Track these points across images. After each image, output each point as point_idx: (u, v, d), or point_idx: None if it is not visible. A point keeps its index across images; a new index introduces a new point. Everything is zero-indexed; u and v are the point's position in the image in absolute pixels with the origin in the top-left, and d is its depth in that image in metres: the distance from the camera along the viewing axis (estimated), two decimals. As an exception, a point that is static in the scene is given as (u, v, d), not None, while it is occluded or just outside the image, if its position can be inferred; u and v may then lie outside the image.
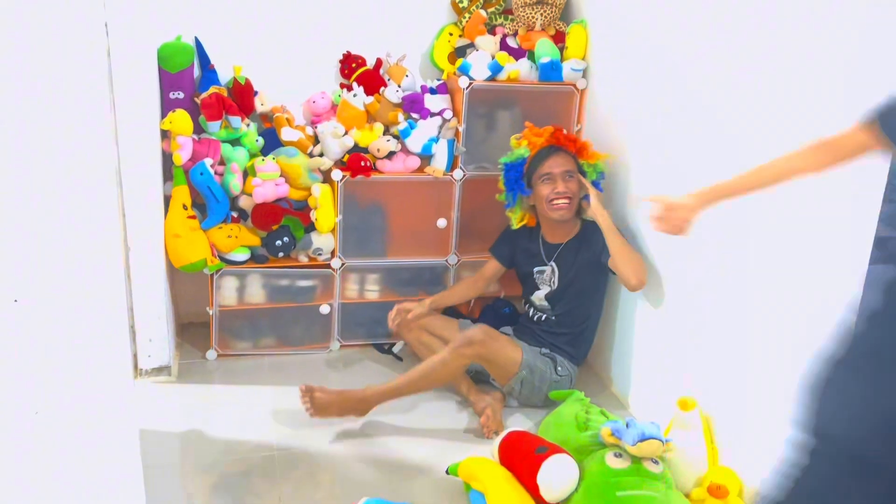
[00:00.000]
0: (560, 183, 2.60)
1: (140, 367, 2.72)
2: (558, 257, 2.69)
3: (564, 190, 2.59)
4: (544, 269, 2.72)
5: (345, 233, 2.92)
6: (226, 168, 2.75)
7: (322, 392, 2.40)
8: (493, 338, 2.50)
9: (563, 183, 2.60)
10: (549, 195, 2.60)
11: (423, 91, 2.95)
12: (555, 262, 2.69)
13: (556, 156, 2.62)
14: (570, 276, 2.66)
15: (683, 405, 2.18)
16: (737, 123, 2.06)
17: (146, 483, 1.73)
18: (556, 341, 2.68)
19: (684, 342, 2.34)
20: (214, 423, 2.50)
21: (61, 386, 1.43)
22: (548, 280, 2.71)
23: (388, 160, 2.88)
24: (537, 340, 2.70)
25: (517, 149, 2.71)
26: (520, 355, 2.55)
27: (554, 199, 2.60)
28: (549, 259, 2.71)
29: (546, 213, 2.65)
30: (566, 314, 2.68)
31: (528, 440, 2.12)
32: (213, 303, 2.85)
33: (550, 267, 2.70)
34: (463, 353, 2.44)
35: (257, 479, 2.23)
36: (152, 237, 2.61)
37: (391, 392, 2.46)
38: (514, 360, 2.54)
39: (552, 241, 2.72)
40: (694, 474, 2.12)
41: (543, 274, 2.72)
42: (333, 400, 2.40)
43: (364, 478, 2.24)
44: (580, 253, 2.66)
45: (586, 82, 2.94)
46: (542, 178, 2.62)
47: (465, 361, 2.48)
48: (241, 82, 2.82)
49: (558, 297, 2.69)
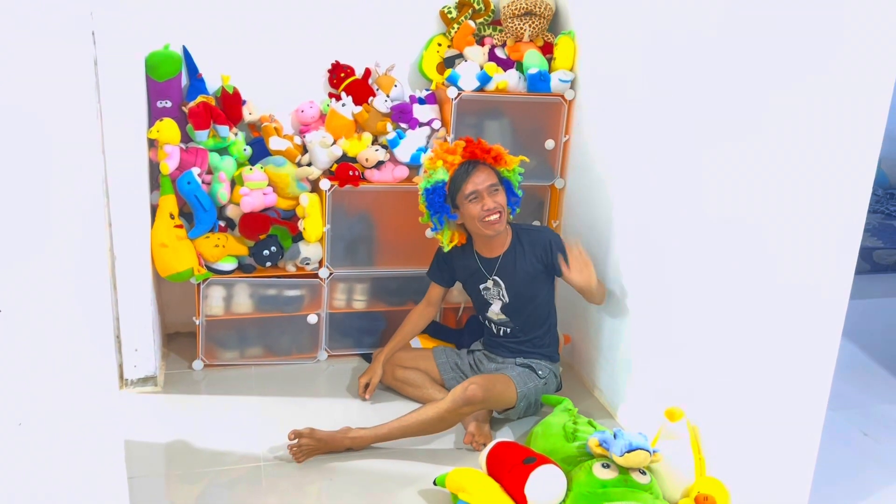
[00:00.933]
0: (487, 199, 2.49)
1: (126, 377, 2.70)
2: (499, 270, 2.64)
3: (494, 206, 2.50)
4: (488, 286, 2.67)
5: (333, 242, 2.91)
6: (213, 177, 2.74)
7: (310, 438, 2.35)
8: (489, 389, 2.44)
9: (491, 198, 2.50)
10: (479, 214, 2.50)
11: (412, 101, 2.95)
12: (497, 275, 2.64)
13: (476, 172, 2.51)
14: (517, 286, 2.62)
15: (671, 415, 2.18)
16: (724, 134, 2.08)
17: (131, 493, 1.72)
18: (525, 348, 2.68)
19: (672, 352, 2.35)
20: (200, 434, 2.49)
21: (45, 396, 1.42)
22: (496, 294, 2.66)
23: (377, 170, 2.88)
24: (510, 352, 2.70)
25: (433, 170, 2.56)
26: (514, 391, 2.53)
27: (486, 217, 2.51)
28: (490, 273, 2.65)
29: (479, 231, 2.56)
30: (526, 321, 2.66)
31: (516, 451, 2.12)
32: (200, 312, 2.84)
33: (493, 280, 2.64)
34: (462, 412, 2.41)
35: (243, 490, 2.21)
36: (139, 246, 2.59)
37: (382, 438, 2.41)
38: (511, 398, 2.53)
39: (488, 255, 2.65)
40: (681, 485, 2.13)
41: (489, 290, 2.67)
42: (321, 446, 2.36)
43: (351, 489, 2.23)
44: (519, 262, 2.61)
45: (574, 93, 2.96)
46: (467, 198, 2.50)
47: (462, 418, 2.46)
48: (230, 91, 2.81)
49: (514, 308, 2.65)
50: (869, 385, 3.05)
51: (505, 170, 2.59)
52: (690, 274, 2.24)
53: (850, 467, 2.45)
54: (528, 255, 2.61)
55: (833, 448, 2.15)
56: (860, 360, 3.24)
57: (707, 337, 2.16)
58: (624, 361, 2.64)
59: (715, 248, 2.12)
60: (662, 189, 2.38)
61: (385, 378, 2.78)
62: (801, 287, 1.93)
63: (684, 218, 2.26)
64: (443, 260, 2.78)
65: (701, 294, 2.19)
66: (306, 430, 2.36)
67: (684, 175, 2.26)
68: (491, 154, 2.56)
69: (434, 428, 2.42)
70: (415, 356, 2.79)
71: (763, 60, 1.93)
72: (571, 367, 3.03)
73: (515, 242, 2.64)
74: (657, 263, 2.42)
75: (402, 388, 2.76)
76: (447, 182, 2.55)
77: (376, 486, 2.25)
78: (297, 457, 2.34)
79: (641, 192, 2.51)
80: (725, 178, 2.07)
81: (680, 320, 2.30)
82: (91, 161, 1.42)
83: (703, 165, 2.17)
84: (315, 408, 2.69)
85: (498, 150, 2.58)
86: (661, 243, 2.39)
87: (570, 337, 3.00)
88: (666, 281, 2.37)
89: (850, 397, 2.82)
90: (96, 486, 1.51)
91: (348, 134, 2.88)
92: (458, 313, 3.14)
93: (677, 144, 2.29)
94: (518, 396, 2.54)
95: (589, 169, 2.88)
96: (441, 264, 2.79)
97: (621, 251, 2.63)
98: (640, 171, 2.51)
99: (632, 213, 2.56)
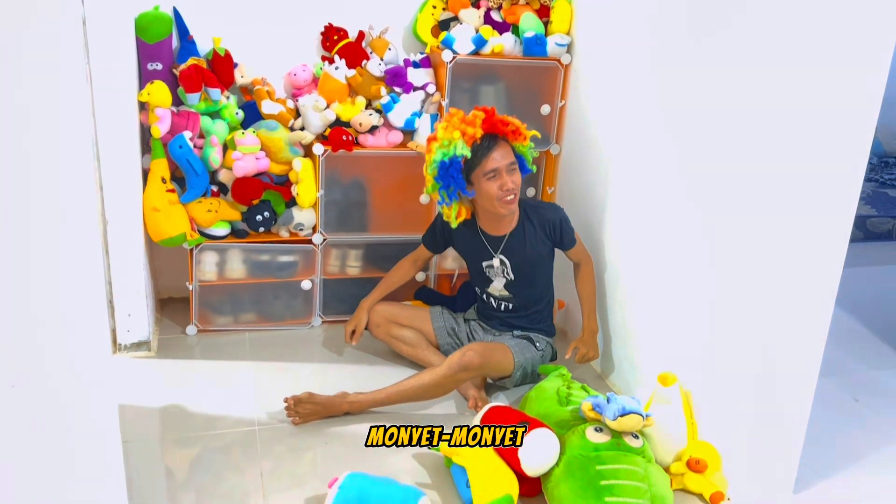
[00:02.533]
0: (507, 178, 2.41)
1: (119, 341, 2.69)
2: (506, 249, 2.58)
3: (513, 186, 2.42)
4: (492, 263, 2.61)
5: (326, 208, 2.89)
6: (205, 141, 2.71)
7: (309, 402, 2.36)
8: (486, 357, 2.44)
9: (510, 177, 2.42)
10: (497, 193, 2.42)
11: (406, 65, 2.91)
12: (503, 254, 2.58)
13: (497, 148, 2.41)
14: (524, 265, 2.59)
15: (664, 380, 2.19)
16: (724, 100, 2.05)
17: (126, 457, 1.72)
18: (522, 322, 2.67)
19: (665, 318, 2.35)
20: (195, 398, 2.49)
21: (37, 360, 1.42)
22: (500, 272, 2.61)
23: (371, 135, 2.85)
24: (507, 326, 2.70)
25: (450, 141, 2.38)
26: (511, 359, 2.53)
27: (504, 197, 2.43)
28: (496, 252, 2.60)
29: (493, 209, 2.47)
30: (528, 297, 2.65)
31: (510, 415, 2.13)
32: (193, 278, 2.83)
33: (499, 259, 2.60)
34: (459, 378, 2.40)
35: (238, 455, 2.22)
36: (130, 211, 2.57)
37: (379, 403, 2.42)
38: (508, 366, 2.53)
39: (495, 233, 2.57)
40: (673, 449, 2.15)
41: (493, 268, 2.62)
42: (319, 410, 2.36)
43: (346, 453, 2.24)
44: (529, 241, 2.57)
45: (570, 57, 2.92)
46: (486, 175, 2.41)
47: (459, 384, 2.45)
48: (221, 54, 2.77)
49: (518, 286, 2.63)
50: (860, 352, 3.07)
51: (519, 145, 2.49)
52: (684, 240, 2.23)
53: (840, 433, 2.48)
54: (539, 233, 2.57)
55: (824, 413, 2.17)
56: (852, 327, 3.26)
57: (701, 302, 2.17)
58: (617, 327, 2.65)
59: (710, 214, 2.11)
60: (658, 155, 2.36)
61: (380, 333, 2.76)
62: (796, 255, 1.93)
63: (679, 184, 2.25)
64: (441, 230, 2.72)
65: (695, 259, 2.19)
66: (305, 395, 2.37)
67: (680, 141, 2.24)
68: (510, 128, 2.44)
69: (431, 393, 2.43)
70: (412, 315, 2.78)
71: (762, 23, 1.90)
72: (565, 332, 3.04)
73: (524, 220, 2.57)
74: (651, 230, 2.42)
75: (396, 346, 2.75)
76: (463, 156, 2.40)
77: (371, 450, 2.26)
78: (295, 420, 2.35)
79: (637, 158, 2.49)
80: (721, 146, 2.05)
81: (674, 286, 2.30)
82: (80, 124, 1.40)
83: (698, 132, 2.15)
84: (309, 373, 2.70)
85: (516, 124, 2.46)
86: (655, 210, 2.39)
87: (564, 302, 3.00)
88: (660, 247, 2.37)
89: (841, 364, 2.84)
90: (90, 449, 1.51)
91: (342, 98, 2.84)
92: (452, 280, 3.14)
93: (674, 110, 2.27)
94: (515, 366, 2.54)
95: (585, 135, 2.86)
96: (438, 234, 2.74)
97: (616, 217, 2.62)
98: (637, 137, 2.49)
99: (627, 180, 2.55)
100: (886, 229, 4.40)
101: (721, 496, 2.08)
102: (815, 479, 2.21)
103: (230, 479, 2.11)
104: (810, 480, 2.19)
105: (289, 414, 2.35)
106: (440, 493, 2.08)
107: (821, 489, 2.18)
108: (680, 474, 2.12)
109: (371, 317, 2.76)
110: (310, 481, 2.11)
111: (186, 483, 2.11)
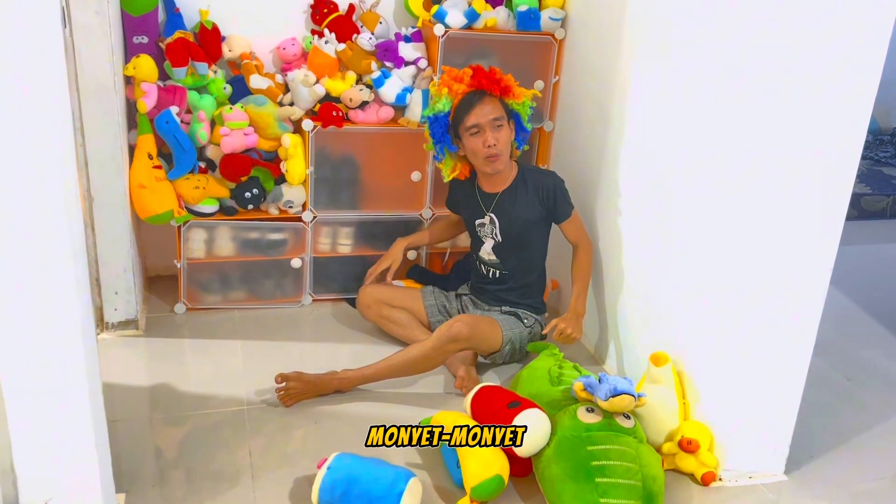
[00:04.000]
0: (489, 134, 2.41)
1: (106, 320, 2.66)
2: (496, 207, 2.57)
3: (494, 142, 2.42)
4: (484, 221, 2.61)
5: (316, 185, 2.85)
6: (192, 116, 2.67)
7: (298, 380, 2.33)
8: (474, 328, 2.42)
9: (493, 133, 2.41)
10: (480, 150, 2.44)
11: (398, 39, 2.86)
12: (493, 212, 2.58)
13: (481, 104, 2.41)
14: (511, 227, 2.57)
15: (656, 360, 2.18)
16: (721, 77, 2.02)
17: (113, 436, 1.70)
18: (511, 297, 2.65)
19: (658, 297, 2.33)
20: (183, 377, 2.47)
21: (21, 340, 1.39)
22: (489, 233, 2.61)
23: (361, 110, 2.81)
24: (496, 300, 2.67)
25: (438, 98, 2.48)
26: (500, 333, 2.52)
27: (487, 154, 2.44)
28: (487, 209, 2.60)
29: (480, 167, 2.51)
30: (517, 266, 2.62)
31: (501, 395, 2.11)
32: (181, 255, 2.79)
33: (489, 217, 2.59)
34: (447, 350, 2.38)
35: (227, 433, 2.20)
36: (116, 188, 2.53)
37: (369, 379, 2.40)
38: (497, 340, 2.52)
39: (489, 190, 2.59)
40: (665, 429, 2.14)
41: (484, 227, 2.62)
42: (309, 389, 2.34)
43: (335, 433, 2.23)
44: (519, 202, 2.55)
45: (565, 32, 2.88)
46: (468, 131, 2.43)
47: (448, 356, 2.43)
48: (208, 27, 2.71)
49: (505, 250, 2.61)
50: (853, 331, 3.07)
51: (514, 102, 2.49)
52: (678, 219, 2.21)
53: (832, 412, 2.48)
54: (531, 197, 2.55)
55: (816, 392, 2.17)
56: (845, 306, 3.25)
57: (694, 282, 2.14)
58: (610, 307, 2.63)
59: (705, 192, 2.08)
60: (653, 132, 2.33)
61: (370, 315, 2.74)
62: (791, 234, 1.91)
63: (675, 162, 2.22)
64: (453, 189, 2.74)
65: (689, 239, 2.16)
66: (294, 374, 2.34)
67: (676, 118, 2.20)
68: (500, 85, 2.45)
69: (420, 366, 2.41)
70: (403, 295, 2.76)
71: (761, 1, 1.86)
72: (558, 312, 3.02)
73: (519, 181, 2.57)
74: (645, 208, 2.39)
75: (387, 326, 2.73)
76: (450, 112, 2.47)
77: (362, 429, 2.24)
78: (285, 400, 2.32)
79: (632, 135, 2.46)
80: (718, 124, 2.02)
81: (667, 265, 2.27)
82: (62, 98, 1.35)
83: (694, 109, 2.12)
84: (300, 352, 2.68)
85: (507, 80, 2.47)
86: (649, 188, 2.36)
87: (557, 282, 2.98)
88: (653, 226, 2.34)
89: (833, 342, 2.83)
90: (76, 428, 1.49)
91: (331, 72, 2.79)
92: (444, 258, 3.11)
93: (670, 86, 2.23)
94: (503, 340, 2.52)
95: (579, 111, 2.82)
96: (453, 192, 2.77)
97: (610, 195, 2.59)
98: (631, 114, 2.45)
99: (622, 157, 2.51)
100: (881, 207, 4.39)
101: (712, 476, 2.07)
102: (807, 458, 2.21)
103: (220, 458, 2.10)
104: (801, 460, 2.19)
105: (280, 397, 2.33)
106: (430, 474, 2.07)
107: (812, 469, 2.19)
108: (672, 454, 2.11)
109: (361, 298, 2.75)
110: (299, 461, 2.10)
111: (175, 462, 2.09)
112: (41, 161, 1.30)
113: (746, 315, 1.99)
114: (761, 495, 2.08)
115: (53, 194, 1.33)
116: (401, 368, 2.40)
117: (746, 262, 1.96)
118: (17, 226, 1.32)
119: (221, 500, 1.94)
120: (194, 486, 1.99)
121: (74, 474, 1.53)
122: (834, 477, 2.17)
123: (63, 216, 1.35)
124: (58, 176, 1.33)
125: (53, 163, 1.32)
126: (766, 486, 2.11)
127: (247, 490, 1.98)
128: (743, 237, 1.95)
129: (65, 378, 1.45)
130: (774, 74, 1.82)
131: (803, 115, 1.82)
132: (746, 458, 2.11)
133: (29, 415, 1.46)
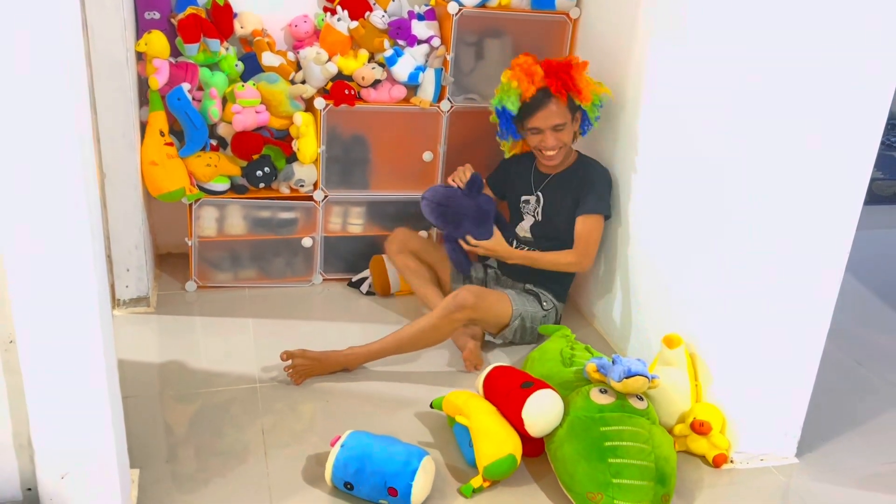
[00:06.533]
0: (549, 137, 2.52)
1: (118, 297, 2.66)
2: (546, 187, 2.65)
3: (553, 143, 2.53)
4: (530, 199, 2.68)
5: (328, 164, 2.84)
6: (204, 93, 2.65)
7: (304, 358, 2.33)
8: (482, 298, 2.43)
9: (553, 135, 2.52)
10: (537, 146, 2.56)
11: (411, 17, 2.83)
12: (541, 191, 2.65)
13: (545, 109, 2.49)
14: (554, 209, 2.62)
15: (669, 342, 2.17)
16: (740, 59, 1.99)
17: (126, 413, 1.70)
18: (538, 277, 2.65)
19: (671, 280, 2.32)
20: (194, 355, 2.47)
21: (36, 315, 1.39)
22: (532, 211, 2.67)
23: (373, 89, 2.79)
24: (521, 276, 2.67)
25: (507, 90, 2.53)
26: (509, 307, 2.52)
27: (543, 152, 2.56)
28: (536, 188, 2.67)
29: (536, 155, 2.63)
30: (549, 249, 2.63)
31: (513, 375, 2.11)
32: (193, 233, 2.79)
33: (536, 196, 2.66)
34: (454, 319, 2.38)
35: (238, 411, 2.21)
36: (128, 164, 2.52)
37: (376, 354, 2.39)
38: (506, 314, 2.52)
39: (544, 170, 2.68)
40: (678, 410, 2.14)
41: (529, 203, 2.68)
42: (315, 366, 2.34)
43: (347, 411, 2.23)
44: (566, 188, 2.61)
45: (580, 11, 2.85)
46: (530, 130, 2.54)
47: (455, 326, 2.43)
48: (220, 3, 2.69)
49: (542, 230, 2.65)
50: (864, 315, 3.06)
51: (583, 104, 2.55)
52: (692, 202, 2.19)
53: (843, 396, 2.47)
54: (576, 186, 2.60)
55: (827, 377, 2.16)
56: (857, 291, 3.24)
57: (707, 265, 2.13)
58: (622, 290, 2.62)
59: (719, 175, 2.07)
60: (668, 114, 2.31)
61: (397, 260, 2.77)
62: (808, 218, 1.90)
63: (690, 145, 2.20)
64: (504, 167, 2.80)
65: (703, 222, 2.15)
66: (298, 351, 2.34)
67: (691, 98, 2.18)
68: (570, 88, 2.49)
69: (428, 338, 2.41)
70: (433, 252, 2.79)
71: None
72: (570, 295, 3.01)
73: (573, 169, 2.64)
74: (659, 191, 2.38)
75: (406, 274, 2.77)
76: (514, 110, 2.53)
77: (373, 408, 2.25)
78: (295, 378, 2.33)
79: (646, 117, 2.44)
80: (735, 105, 2.00)
81: (680, 248, 2.26)
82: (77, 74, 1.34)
83: (710, 91, 2.09)
84: (310, 330, 2.67)
85: (579, 82, 2.50)
86: (664, 170, 2.34)
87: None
88: (667, 209, 2.33)
89: (845, 327, 2.80)
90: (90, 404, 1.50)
91: (344, 50, 2.77)
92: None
93: (686, 65, 2.21)
94: (513, 313, 2.52)
95: (592, 92, 2.79)
96: (499, 171, 2.81)
97: (623, 177, 2.57)
98: (647, 95, 2.43)
99: (636, 139, 2.50)
100: (892, 192, 4.36)
101: (724, 458, 2.08)
102: (818, 442, 2.21)
103: (230, 435, 2.10)
104: (813, 444, 2.19)
105: (289, 374, 2.33)
106: (443, 453, 2.08)
107: (823, 452, 2.19)
108: (684, 436, 2.11)
109: (392, 243, 2.78)
110: (310, 438, 2.10)
111: (186, 439, 2.10)
112: (61, 138, 1.30)
113: (761, 298, 1.99)
114: (772, 478, 2.08)
115: (73, 171, 1.32)
116: (408, 341, 2.40)
117: (763, 247, 1.95)
118: (36, 203, 1.32)
119: (234, 477, 1.95)
120: (207, 463, 1.99)
121: (90, 450, 1.54)
122: (845, 461, 2.17)
123: (82, 193, 1.34)
124: (77, 152, 1.32)
125: (72, 139, 1.31)
126: (778, 469, 2.11)
127: (260, 466, 1.98)
128: (760, 222, 1.94)
129: (81, 354, 1.45)
130: (793, 56, 1.80)
131: (823, 99, 1.80)
132: (758, 441, 2.11)
133: (46, 391, 1.46)
